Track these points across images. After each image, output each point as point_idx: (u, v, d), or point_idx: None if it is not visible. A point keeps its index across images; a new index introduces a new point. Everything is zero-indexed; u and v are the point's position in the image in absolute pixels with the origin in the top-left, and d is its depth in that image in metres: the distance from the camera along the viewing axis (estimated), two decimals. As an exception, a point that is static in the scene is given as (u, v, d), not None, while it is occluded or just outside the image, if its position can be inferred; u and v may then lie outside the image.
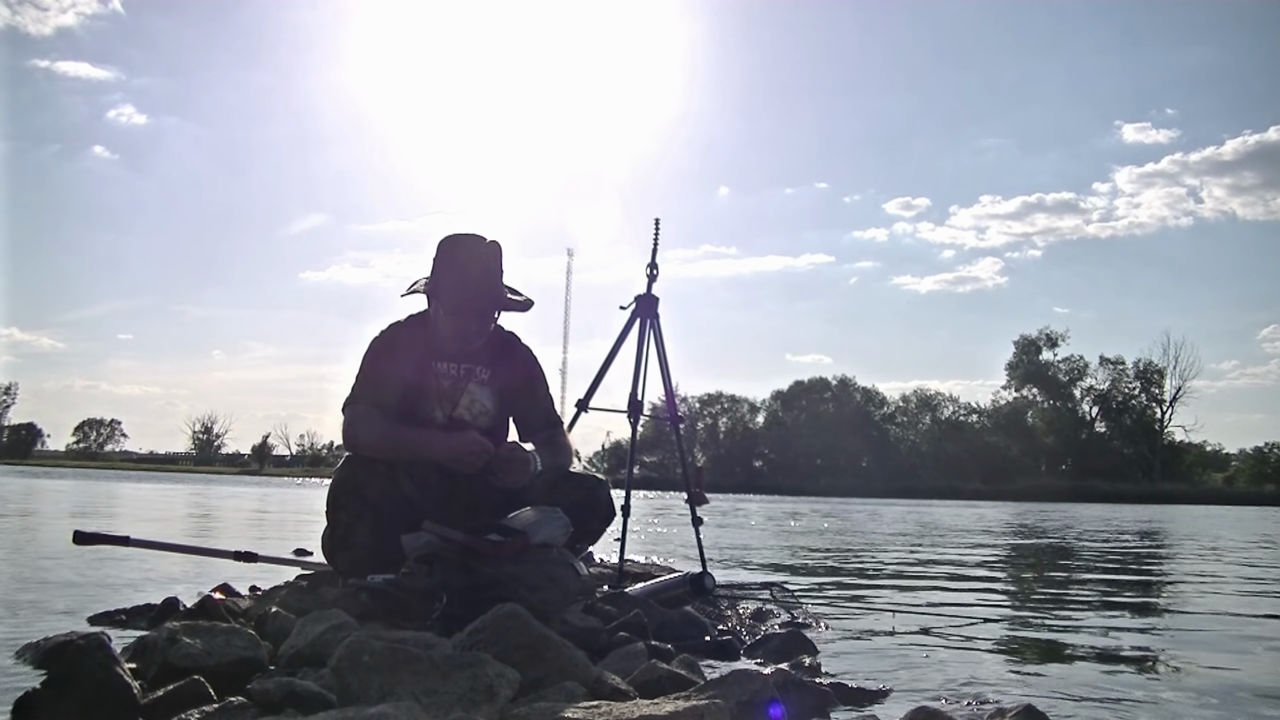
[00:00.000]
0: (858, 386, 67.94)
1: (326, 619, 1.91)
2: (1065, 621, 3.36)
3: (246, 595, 2.90)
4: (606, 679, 1.74)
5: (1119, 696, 2.05)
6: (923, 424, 67.95)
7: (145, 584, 3.40)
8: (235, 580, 3.13)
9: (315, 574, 3.07)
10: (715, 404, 69.04)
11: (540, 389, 2.99)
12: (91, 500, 12.76)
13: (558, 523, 2.47)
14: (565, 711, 1.43)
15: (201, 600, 2.43)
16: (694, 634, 2.48)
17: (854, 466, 61.51)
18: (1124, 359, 63.43)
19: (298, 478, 50.38)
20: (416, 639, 1.70)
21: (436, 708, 1.45)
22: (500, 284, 2.82)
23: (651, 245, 3.60)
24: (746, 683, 1.64)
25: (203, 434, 77.54)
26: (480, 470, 2.60)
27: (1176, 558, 7.44)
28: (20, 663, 1.96)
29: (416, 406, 2.79)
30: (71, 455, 73.79)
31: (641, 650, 2.04)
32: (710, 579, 3.12)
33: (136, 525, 6.70)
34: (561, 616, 2.26)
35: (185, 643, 1.72)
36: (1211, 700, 2.04)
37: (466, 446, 2.58)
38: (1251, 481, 57.40)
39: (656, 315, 3.64)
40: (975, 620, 3.24)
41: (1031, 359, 64.77)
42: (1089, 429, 64.31)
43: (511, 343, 2.97)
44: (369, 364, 2.79)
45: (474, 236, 2.84)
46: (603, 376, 3.70)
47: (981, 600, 3.95)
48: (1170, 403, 61.39)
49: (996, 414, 65.99)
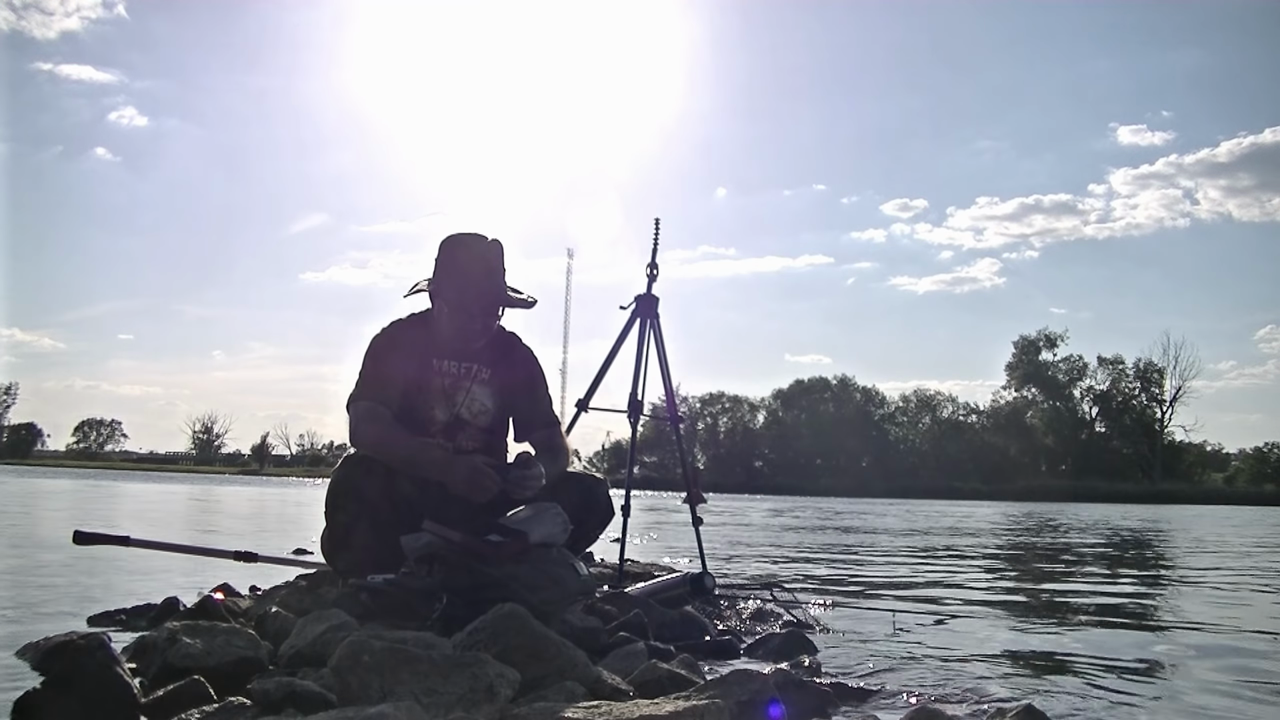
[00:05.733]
0: (858, 386, 68.02)
1: (326, 619, 1.91)
2: (1065, 621, 3.36)
3: (246, 595, 2.90)
4: (606, 679, 1.74)
5: (1119, 696, 2.05)
6: (923, 424, 67.93)
7: (145, 584, 3.40)
8: (235, 580, 3.13)
9: (315, 574, 3.07)
10: (715, 404, 69.07)
11: (540, 389, 2.99)
12: (91, 500, 12.76)
13: (557, 521, 2.46)
14: (565, 711, 1.43)
15: (201, 600, 2.43)
16: (694, 634, 2.48)
17: (854, 466, 61.48)
18: (1123, 359, 63.52)
19: (298, 478, 50.37)
20: (416, 639, 1.70)
21: (436, 708, 1.45)
22: (503, 282, 2.83)
23: (652, 245, 3.60)
24: (746, 683, 1.64)
25: (203, 434, 77.58)
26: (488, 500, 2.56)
27: (1177, 558, 7.44)
28: (20, 663, 1.96)
29: (417, 405, 2.79)
30: (71, 455, 73.75)
31: (641, 650, 2.04)
32: (710, 579, 3.12)
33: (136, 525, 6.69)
34: (561, 616, 2.26)
35: (185, 643, 1.72)
36: (1212, 700, 2.04)
37: (478, 480, 2.52)
38: (1251, 481, 57.38)
39: (656, 315, 3.64)
40: (975, 620, 3.24)
41: (1031, 359, 64.75)
42: (1089, 429, 64.29)
43: (512, 343, 2.97)
44: (370, 362, 2.79)
45: (476, 235, 2.84)
46: (603, 376, 3.70)
47: (981, 600, 3.95)
48: (1170, 403, 61.43)
49: (996, 414, 65.99)
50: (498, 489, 2.53)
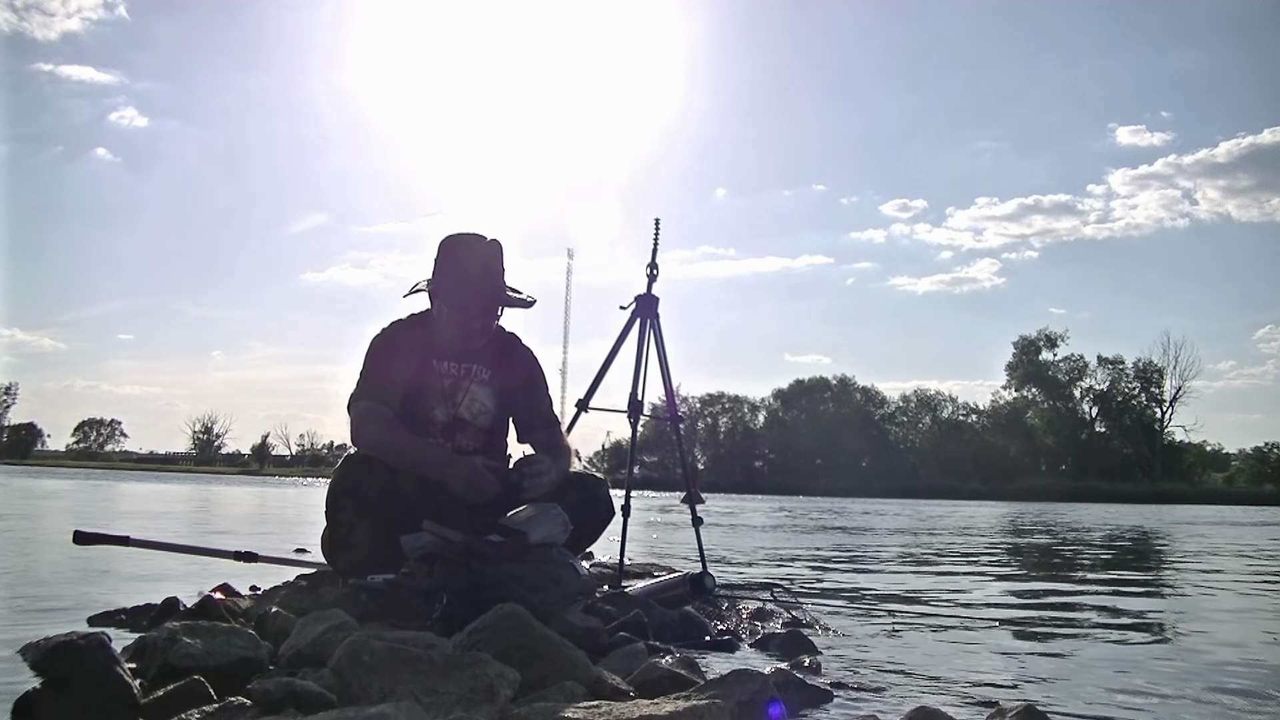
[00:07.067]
0: (858, 386, 68.02)
1: (326, 619, 1.91)
2: (1065, 621, 3.36)
3: (246, 595, 2.90)
4: (606, 679, 1.74)
5: (1120, 696, 2.05)
6: (923, 424, 67.94)
7: (145, 584, 3.40)
8: (235, 580, 3.13)
9: (315, 574, 3.07)
10: (715, 404, 69.06)
11: (540, 389, 2.99)
12: (91, 500, 12.76)
13: (557, 521, 2.47)
14: (565, 711, 1.43)
15: (201, 600, 2.43)
16: (694, 634, 2.48)
17: (854, 466, 61.47)
18: (1123, 359, 63.51)
19: (298, 478, 50.37)
20: (416, 639, 1.70)
21: (436, 708, 1.45)
22: (502, 282, 2.83)
23: (652, 245, 3.60)
24: (746, 683, 1.64)
25: (203, 434, 77.53)
26: (487, 501, 2.56)
27: (1177, 557, 7.44)
28: (20, 663, 1.96)
29: (417, 405, 2.79)
30: (72, 455, 73.74)
31: (641, 650, 2.04)
32: (710, 579, 3.12)
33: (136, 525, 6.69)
34: (561, 616, 2.26)
35: (185, 643, 1.72)
36: (1213, 700, 2.04)
37: (477, 481, 2.53)
38: (1251, 481, 57.38)
39: (656, 315, 3.64)
40: (975, 620, 3.24)
41: (1031, 359, 64.73)
42: (1089, 429, 64.29)
43: (512, 343, 2.98)
44: (371, 362, 2.80)
45: (475, 235, 2.85)
46: (603, 376, 3.70)
47: (981, 600, 3.95)
48: (1170, 403, 61.42)
49: (996, 414, 65.98)
50: (496, 490, 2.54)
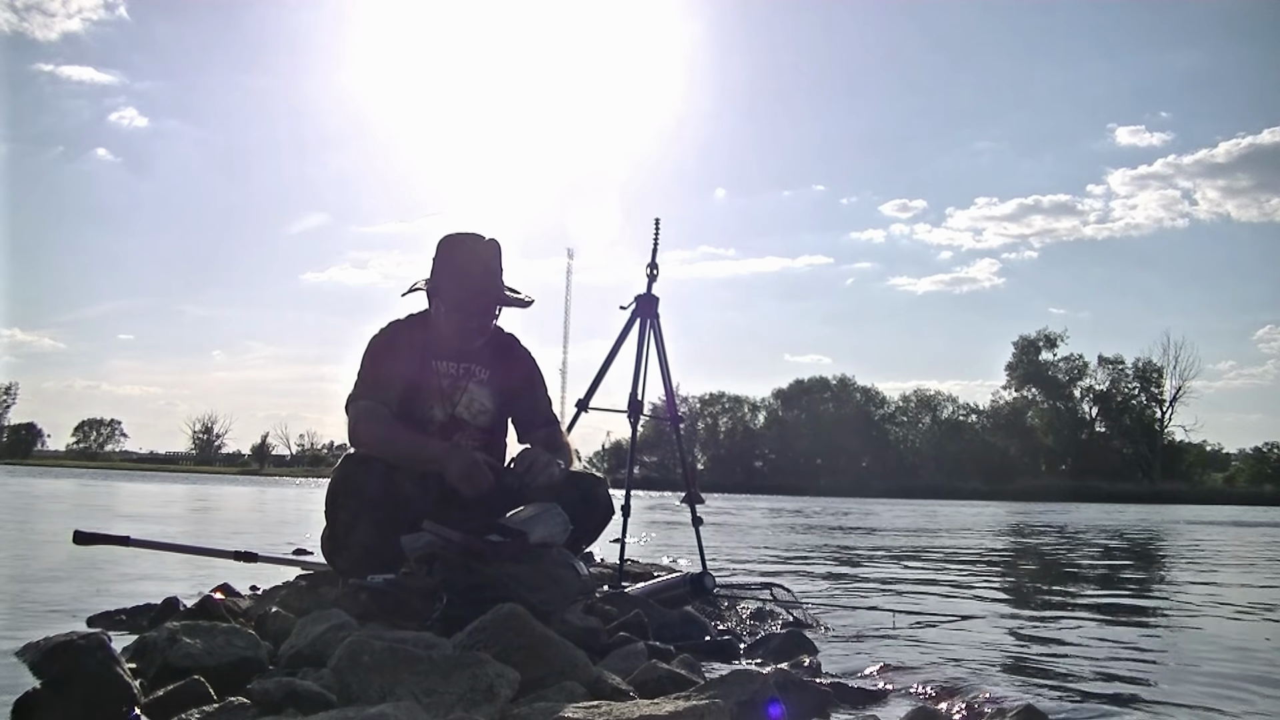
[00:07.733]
0: (858, 386, 67.96)
1: (326, 619, 1.91)
2: (1065, 621, 3.36)
3: (246, 595, 2.90)
4: (606, 679, 1.74)
5: (1119, 697, 2.05)
6: (923, 424, 67.91)
7: (145, 584, 3.40)
8: (235, 580, 3.13)
9: (315, 574, 3.06)
10: (715, 404, 69.03)
11: (539, 389, 2.99)
12: (91, 500, 12.76)
13: (557, 520, 2.47)
14: (565, 711, 1.43)
15: (201, 600, 2.43)
16: (694, 634, 2.48)
17: (854, 466, 61.45)
18: (1123, 359, 63.47)
19: (298, 478, 50.38)
20: (416, 639, 1.70)
21: (436, 708, 1.45)
22: (500, 282, 2.83)
23: (652, 245, 3.60)
24: (746, 683, 1.64)
25: (203, 434, 77.48)
26: (480, 496, 2.56)
27: (1178, 558, 7.44)
28: (20, 663, 1.96)
29: (415, 405, 2.79)
30: (71, 455, 73.71)
31: (641, 650, 2.04)
32: (710, 579, 3.12)
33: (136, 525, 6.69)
34: (561, 616, 2.26)
35: (185, 643, 1.72)
36: (1212, 700, 2.04)
37: (472, 473, 2.53)
38: (1251, 481, 57.34)
39: (656, 315, 3.64)
40: (975, 620, 3.24)
41: (1031, 359, 64.68)
42: (1089, 429, 64.26)
43: (511, 343, 2.98)
44: (369, 362, 2.80)
45: (473, 235, 2.85)
46: (603, 376, 3.70)
47: (981, 600, 3.95)
48: (1170, 402, 61.38)
49: (996, 414, 65.94)
50: (491, 485, 2.54)
